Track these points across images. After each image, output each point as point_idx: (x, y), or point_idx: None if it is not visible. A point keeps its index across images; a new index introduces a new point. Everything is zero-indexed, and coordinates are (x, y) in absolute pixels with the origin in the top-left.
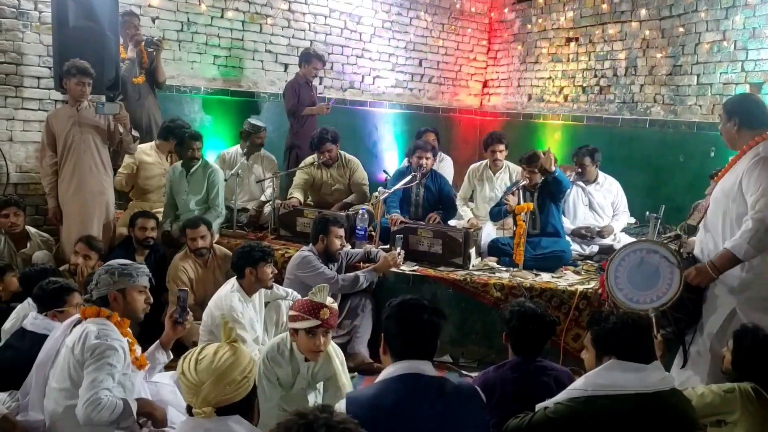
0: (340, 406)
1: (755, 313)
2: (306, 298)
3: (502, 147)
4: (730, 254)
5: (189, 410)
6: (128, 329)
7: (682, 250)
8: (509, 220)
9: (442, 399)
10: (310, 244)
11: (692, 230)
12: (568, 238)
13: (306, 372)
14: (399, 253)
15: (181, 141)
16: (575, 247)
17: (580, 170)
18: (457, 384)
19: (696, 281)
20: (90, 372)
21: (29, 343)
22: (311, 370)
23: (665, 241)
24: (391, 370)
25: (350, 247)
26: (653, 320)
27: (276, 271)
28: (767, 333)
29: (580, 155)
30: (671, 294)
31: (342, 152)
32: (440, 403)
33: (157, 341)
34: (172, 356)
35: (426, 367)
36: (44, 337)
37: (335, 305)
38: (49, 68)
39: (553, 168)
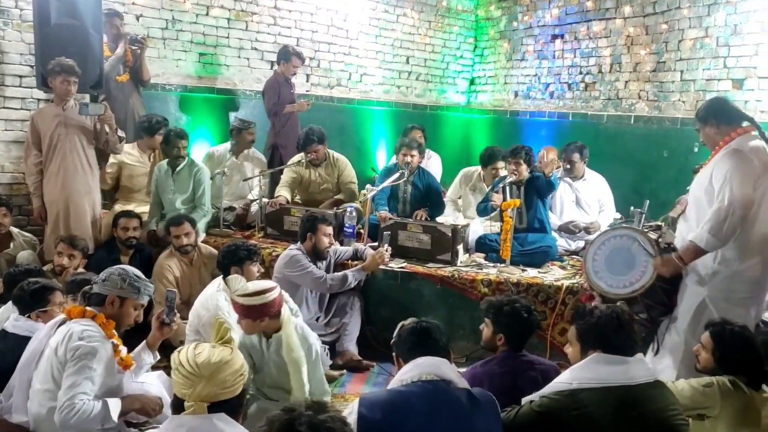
0: (353, 406)
1: (724, 303)
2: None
3: (502, 164)
4: (693, 245)
5: (175, 408)
6: (114, 331)
7: (660, 240)
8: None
9: (460, 411)
10: (299, 243)
11: (674, 222)
12: (554, 234)
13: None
14: (386, 250)
15: (166, 140)
16: (561, 243)
17: (568, 166)
18: (475, 394)
19: (662, 271)
20: (69, 375)
21: (11, 345)
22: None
23: (645, 230)
24: (407, 369)
25: (339, 245)
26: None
27: (262, 270)
28: (741, 326)
29: (569, 151)
30: (644, 281)
31: (330, 151)
32: (458, 416)
33: (144, 342)
34: (158, 356)
35: (445, 367)
36: (26, 338)
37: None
38: (31, 67)
39: (551, 172)
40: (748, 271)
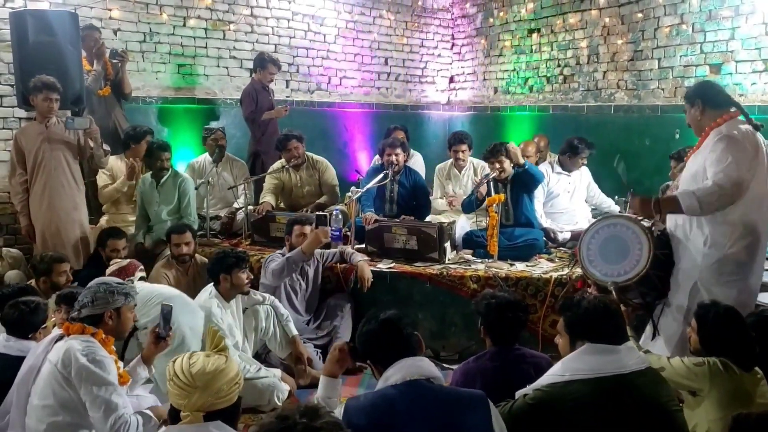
0: (338, 413)
1: (715, 287)
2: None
3: (464, 147)
4: (675, 199)
5: (172, 418)
6: (112, 347)
7: (654, 228)
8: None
9: (447, 409)
10: (284, 248)
11: None
12: (543, 220)
13: None
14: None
15: (149, 152)
16: (551, 226)
17: (584, 163)
18: (463, 392)
19: (636, 211)
20: (97, 397)
21: (2, 365)
22: None
23: (639, 219)
24: (390, 372)
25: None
26: (614, 293)
27: (251, 277)
28: (727, 307)
29: (582, 150)
30: (638, 270)
31: (309, 153)
32: (445, 415)
33: (138, 356)
34: (153, 370)
35: (424, 364)
36: (17, 359)
37: None
38: (11, 86)
39: (521, 160)
40: (736, 254)
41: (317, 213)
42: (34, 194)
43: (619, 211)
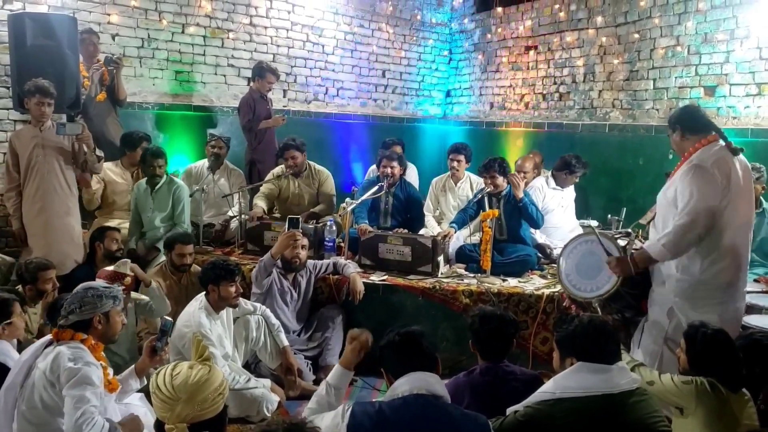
0: (345, 411)
1: (691, 312)
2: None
3: (460, 157)
4: (645, 253)
5: (158, 428)
6: (102, 353)
7: (628, 247)
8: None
9: (450, 426)
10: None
11: (643, 228)
12: (538, 234)
13: None
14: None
15: (143, 159)
16: (544, 241)
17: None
18: (467, 414)
19: (616, 271)
20: (73, 393)
21: None
22: None
23: (616, 237)
24: (400, 383)
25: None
26: (598, 309)
27: (241, 290)
28: (716, 329)
29: (578, 169)
30: (608, 287)
31: (311, 162)
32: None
33: (132, 367)
34: (146, 382)
35: (433, 380)
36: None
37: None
38: (8, 88)
39: (521, 194)
40: (714, 279)
41: (314, 224)
42: (26, 198)
43: (613, 229)
